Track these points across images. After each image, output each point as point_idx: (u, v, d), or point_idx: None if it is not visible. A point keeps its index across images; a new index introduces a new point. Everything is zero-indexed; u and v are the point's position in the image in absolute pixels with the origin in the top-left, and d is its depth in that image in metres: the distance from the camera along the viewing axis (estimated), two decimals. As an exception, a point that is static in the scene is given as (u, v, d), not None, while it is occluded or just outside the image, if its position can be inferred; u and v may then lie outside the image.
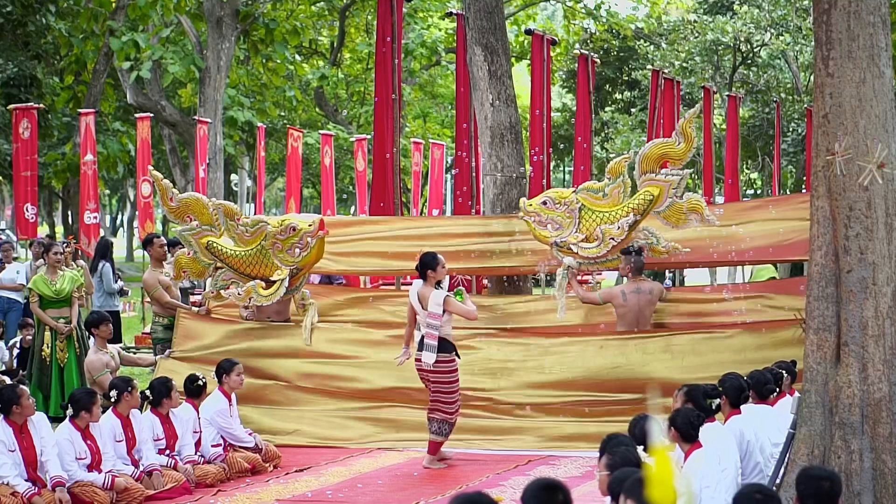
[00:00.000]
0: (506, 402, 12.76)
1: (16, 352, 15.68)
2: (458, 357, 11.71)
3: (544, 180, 17.77)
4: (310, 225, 13.09)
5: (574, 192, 13.28)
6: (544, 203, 13.17)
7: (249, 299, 13.11)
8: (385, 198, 16.41)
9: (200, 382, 11.38)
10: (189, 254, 13.39)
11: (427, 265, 11.70)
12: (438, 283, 11.81)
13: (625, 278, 13.60)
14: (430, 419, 11.65)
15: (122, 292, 18.48)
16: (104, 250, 18.01)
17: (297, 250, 13.05)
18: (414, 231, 14.85)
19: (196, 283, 16.43)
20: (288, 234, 13.03)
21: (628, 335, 12.86)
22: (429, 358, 11.51)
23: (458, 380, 11.66)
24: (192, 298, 16.21)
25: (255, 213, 31.95)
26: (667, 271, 27.09)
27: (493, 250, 14.13)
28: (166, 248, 14.72)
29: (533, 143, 18.44)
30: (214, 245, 13.27)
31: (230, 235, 13.27)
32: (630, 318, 12.90)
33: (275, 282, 13.09)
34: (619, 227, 12.85)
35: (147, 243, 14.70)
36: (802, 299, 9.45)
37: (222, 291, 13.36)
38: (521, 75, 39.19)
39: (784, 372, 10.34)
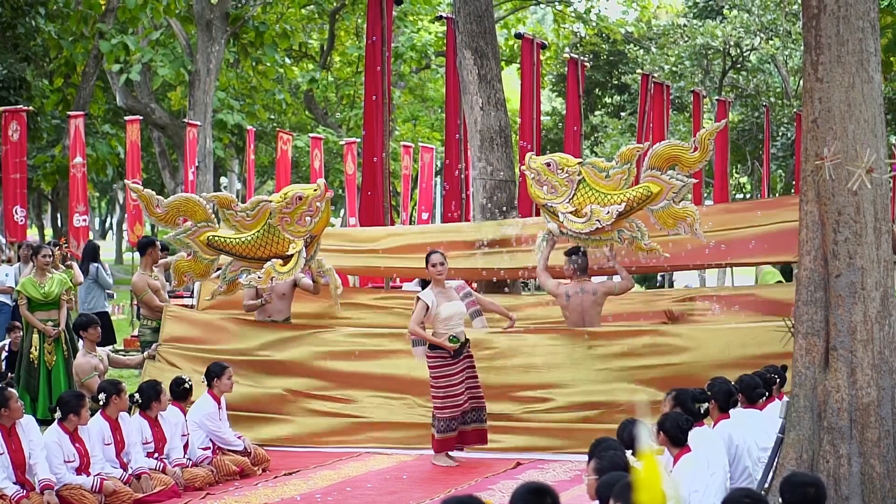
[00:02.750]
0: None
1: (4, 354, 15.64)
2: (456, 358, 11.70)
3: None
4: (315, 190, 12.98)
5: (580, 163, 13.29)
6: (548, 164, 13.21)
7: (271, 279, 12.91)
8: (374, 201, 16.41)
9: (186, 386, 11.36)
10: (188, 256, 13.26)
11: (425, 262, 11.85)
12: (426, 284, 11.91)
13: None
14: None
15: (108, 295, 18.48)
16: (93, 253, 17.99)
17: (308, 218, 12.89)
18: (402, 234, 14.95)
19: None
20: (295, 205, 12.87)
21: (618, 332, 12.90)
22: (415, 355, 11.84)
23: (445, 374, 11.68)
24: (176, 302, 16.16)
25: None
26: (658, 275, 27.12)
27: (486, 257, 14.18)
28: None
29: (522, 148, 18.45)
30: (216, 239, 13.08)
31: (229, 225, 13.07)
32: (574, 319, 12.89)
33: (290, 257, 12.93)
34: (608, 212, 12.81)
35: (149, 245, 14.50)
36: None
37: (241, 280, 13.16)
38: (510, 79, 39.21)
39: (776, 376, 10.35)
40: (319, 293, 13.55)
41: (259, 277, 12.88)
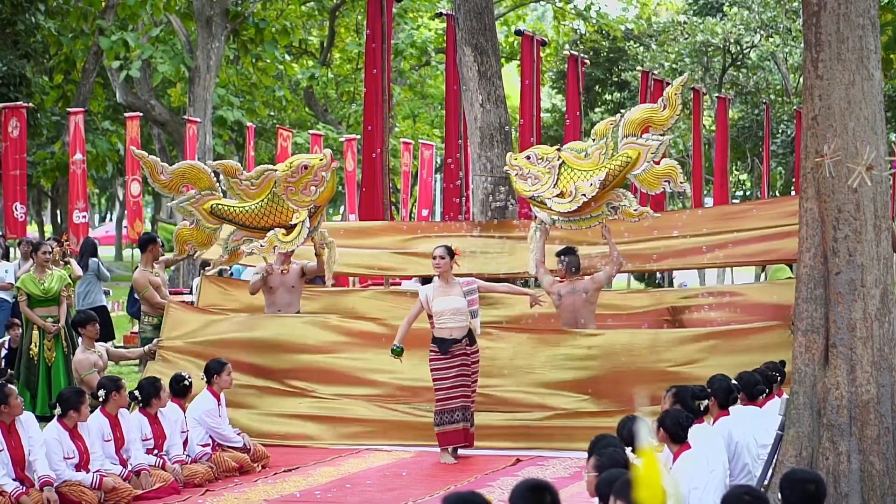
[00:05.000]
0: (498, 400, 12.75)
1: (4, 351, 15.64)
2: (444, 354, 11.67)
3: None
4: (321, 160, 12.92)
5: (558, 149, 13.31)
6: (528, 157, 13.26)
7: (273, 248, 12.78)
8: (374, 198, 16.42)
9: (186, 382, 11.34)
10: (190, 225, 13.14)
11: None
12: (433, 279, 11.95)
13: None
14: None
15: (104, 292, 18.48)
16: (93, 249, 18.00)
17: (313, 188, 12.83)
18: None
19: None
20: (301, 174, 12.79)
21: (617, 331, 12.91)
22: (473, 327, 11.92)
23: (436, 368, 11.70)
24: (176, 299, 16.13)
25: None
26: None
27: (487, 252, 14.17)
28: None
29: (522, 145, 18.44)
30: (220, 207, 12.98)
31: (234, 194, 12.99)
32: (567, 318, 12.89)
33: (294, 227, 12.85)
34: (591, 185, 12.81)
35: (150, 241, 14.49)
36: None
37: (243, 247, 13.08)
38: (510, 76, 39.17)
39: (776, 373, 10.35)
40: (323, 269, 13.51)
41: (262, 246, 12.82)
